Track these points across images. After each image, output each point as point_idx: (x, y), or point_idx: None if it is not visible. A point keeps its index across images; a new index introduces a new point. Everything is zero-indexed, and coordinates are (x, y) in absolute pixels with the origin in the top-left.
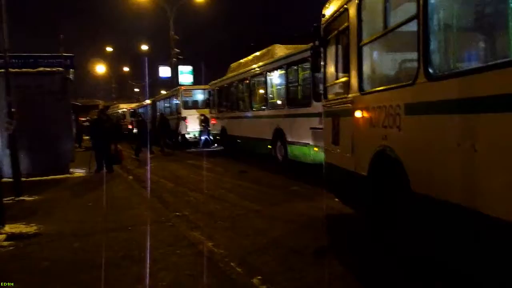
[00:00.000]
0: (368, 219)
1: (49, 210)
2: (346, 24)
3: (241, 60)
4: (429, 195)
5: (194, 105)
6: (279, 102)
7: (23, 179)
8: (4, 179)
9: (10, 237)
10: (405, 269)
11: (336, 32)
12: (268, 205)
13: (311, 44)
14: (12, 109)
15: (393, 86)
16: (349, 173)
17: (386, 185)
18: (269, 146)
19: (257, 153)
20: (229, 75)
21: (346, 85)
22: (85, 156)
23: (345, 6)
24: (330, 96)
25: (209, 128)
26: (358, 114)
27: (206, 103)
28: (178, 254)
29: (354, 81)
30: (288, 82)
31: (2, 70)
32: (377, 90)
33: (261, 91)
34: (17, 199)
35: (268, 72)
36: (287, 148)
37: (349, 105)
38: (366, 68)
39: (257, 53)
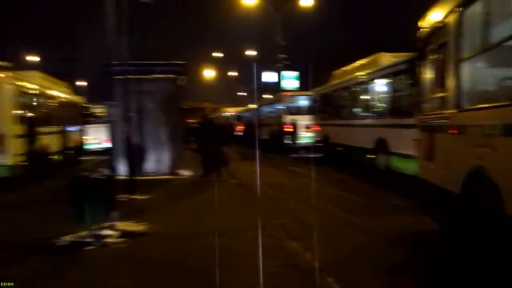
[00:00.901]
0: (459, 237)
1: (158, 210)
2: (445, 38)
3: (345, 68)
4: None
5: (298, 111)
6: (382, 111)
7: (136, 178)
8: (119, 177)
9: (123, 234)
10: None
11: (434, 45)
12: (367, 217)
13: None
14: (130, 114)
15: (491, 105)
16: (441, 190)
17: (478, 205)
18: (370, 156)
19: (357, 162)
20: (333, 82)
21: (443, 101)
22: (192, 157)
23: (445, 19)
24: (426, 111)
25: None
26: (453, 131)
27: (310, 110)
28: (277, 264)
29: (451, 97)
30: (392, 91)
31: (121, 77)
32: (475, 108)
33: (365, 99)
34: (130, 197)
35: (373, 80)
36: (389, 158)
37: (445, 121)
38: (464, 85)
39: (362, 61)
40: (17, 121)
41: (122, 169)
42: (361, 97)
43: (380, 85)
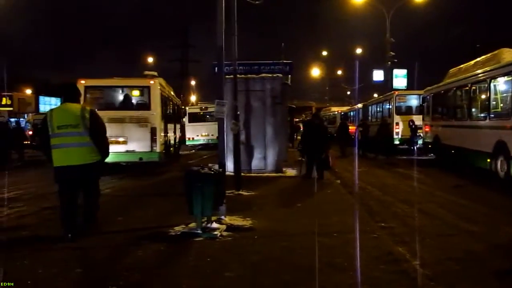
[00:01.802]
0: None
1: (262, 206)
2: None
3: (461, 66)
4: None
5: (408, 111)
6: (504, 112)
7: (242, 174)
8: (227, 173)
9: (229, 228)
10: None
11: None
12: (485, 227)
13: None
14: (237, 112)
15: None
16: None
17: None
18: (488, 160)
19: (473, 166)
20: (447, 80)
21: None
22: (297, 156)
23: None
24: None
25: (418, 135)
26: None
27: (420, 110)
28: (382, 269)
29: None
30: None
31: (231, 76)
32: None
33: (483, 99)
34: (236, 192)
35: (493, 79)
36: (510, 164)
37: None
38: None
39: (480, 58)
40: (161, 117)
41: (229, 166)
42: (479, 96)
43: (502, 84)
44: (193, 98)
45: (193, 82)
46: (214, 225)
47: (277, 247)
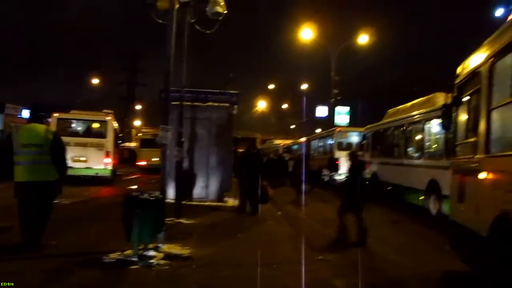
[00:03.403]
0: (485, 278)
1: (202, 236)
2: (477, 86)
3: (399, 106)
4: None
5: (349, 147)
6: (437, 152)
7: (183, 202)
8: (168, 201)
9: (167, 256)
10: None
11: (468, 92)
12: (418, 261)
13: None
14: (182, 139)
15: None
16: (470, 232)
17: (504, 248)
18: (422, 198)
19: (408, 203)
20: (386, 120)
21: (474, 146)
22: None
23: (478, 69)
24: (459, 154)
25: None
26: (482, 175)
27: (361, 147)
28: None
29: (481, 143)
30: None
31: (177, 103)
32: (503, 154)
33: (418, 139)
34: (176, 220)
35: (427, 120)
36: (442, 202)
37: (475, 165)
38: (494, 131)
39: (417, 100)
40: (113, 143)
41: (170, 193)
42: (415, 136)
43: (435, 125)
44: (137, 123)
45: (139, 107)
46: (151, 253)
47: (216, 277)
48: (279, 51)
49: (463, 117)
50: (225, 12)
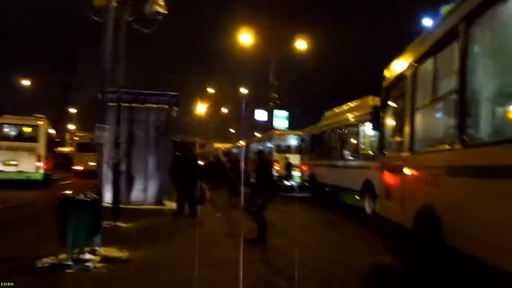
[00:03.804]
0: (412, 269)
1: (141, 238)
2: (403, 88)
3: (336, 109)
4: (459, 250)
5: (287, 149)
6: (370, 153)
7: (121, 205)
8: (105, 204)
9: (104, 259)
10: None
11: (394, 94)
12: (352, 258)
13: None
14: (119, 140)
15: (436, 149)
16: (397, 226)
17: (425, 237)
18: (357, 197)
19: (344, 203)
20: (323, 122)
21: (400, 145)
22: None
23: (403, 72)
24: (386, 153)
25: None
26: (407, 172)
27: (299, 149)
28: None
29: (406, 142)
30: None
31: (115, 104)
32: (425, 151)
33: (353, 141)
34: (113, 224)
35: (362, 123)
36: (376, 201)
37: (401, 162)
38: (417, 131)
39: (352, 103)
40: (45, 147)
41: (107, 196)
42: (350, 138)
43: (368, 128)
44: (72, 127)
45: (73, 110)
46: (87, 256)
47: (154, 279)
48: (219, 55)
49: (390, 118)
50: (165, 12)
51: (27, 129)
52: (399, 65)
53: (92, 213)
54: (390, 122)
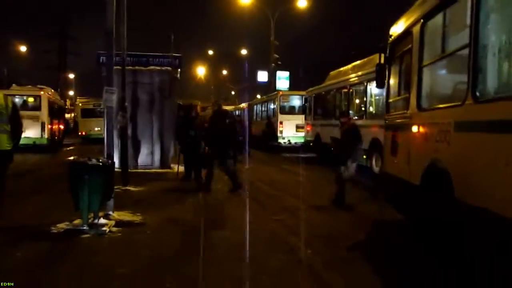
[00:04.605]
0: (418, 225)
1: (152, 201)
2: (409, 45)
3: (341, 68)
4: (470, 203)
5: (291, 110)
6: (377, 111)
7: (129, 170)
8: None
9: (118, 223)
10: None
11: (400, 52)
12: (368, 217)
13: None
14: (125, 103)
15: (445, 105)
16: (403, 183)
17: (434, 192)
18: (364, 157)
19: None
20: (328, 82)
21: (406, 102)
22: None
23: (410, 29)
24: (391, 111)
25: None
26: (414, 128)
27: (303, 109)
28: (278, 259)
29: (413, 99)
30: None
31: (119, 67)
32: (433, 108)
33: (360, 100)
34: (123, 188)
35: (369, 81)
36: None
37: (407, 120)
38: (424, 88)
39: (358, 62)
40: (48, 115)
41: (115, 161)
42: (357, 97)
43: (375, 86)
44: (71, 93)
45: (71, 76)
46: (102, 221)
47: (170, 241)
48: (217, 15)
49: (395, 75)
50: None
51: (31, 99)
52: (406, 22)
53: (105, 177)
54: (395, 79)
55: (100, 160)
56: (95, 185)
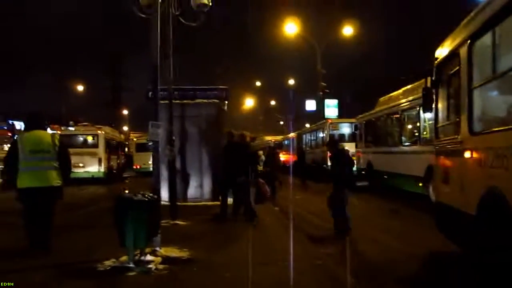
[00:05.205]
0: (475, 257)
1: (201, 236)
2: (457, 67)
3: (391, 94)
4: None
5: (341, 138)
6: (432, 137)
7: (178, 203)
8: (162, 203)
9: (165, 260)
10: None
11: (447, 74)
12: (425, 248)
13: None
14: (173, 137)
15: (501, 128)
16: (458, 212)
17: (493, 224)
18: (420, 184)
19: (405, 190)
20: (378, 108)
21: (457, 126)
22: None
23: (457, 50)
24: (441, 136)
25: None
26: (467, 154)
27: (353, 137)
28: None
29: (464, 123)
30: None
31: (166, 101)
32: (486, 131)
33: (412, 125)
34: (172, 222)
35: (421, 106)
36: None
37: (458, 145)
38: (476, 111)
39: (409, 86)
40: (104, 151)
41: (164, 195)
42: (409, 122)
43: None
44: (125, 128)
45: (125, 112)
46: (148, 257)
47: (218, 279)
48: (264, 47)
49: (444, 99)
50: (210, 4)
51: (90, 138)
52: (452, 43)
53: (151, 213)
54: (444, 103)
55: (146, 195)
56: (141, 221)
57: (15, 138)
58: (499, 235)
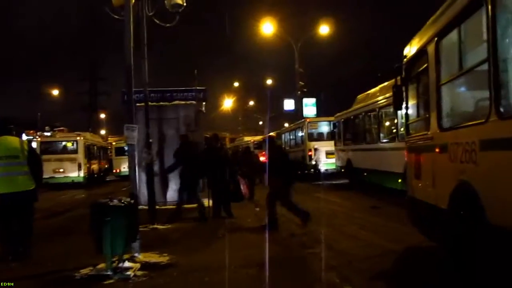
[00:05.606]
0: (449, 251)
1: (180, 240)
2: (425, 64)
3: (369, 91)
4: (503, 226)
5: (320, 137)
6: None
7: (157, 207)
8: (140, 207)
9: (144, 266)
10: None
11: (416, 71)
12: (405, 243)
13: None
14: (150, 140)
15: (469, 123)
16: (430, 207)
17: (464, 217)
18: (399, 180)
19: (386, 187)
20: (356, 106)
21: (427, 123)
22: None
23: (424, 48)
24: (412, 133)
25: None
26: (437, 150)
27: (331, 135)
28: None
29: (433, 119)
30: None
31: (142, 104)
32: (455, 127)
33: (390, 122)
34: (151, 226)
35: None
36: None
37: (429, 141)
38: (444, 107)
39: (385, 83)
40: (84, 157)
41: (143, 198)
42: (386, 120)
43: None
44: (102, 132)
45: (103, 116)
46: (127, 264)
47: (198, 283)
48: (242, 47)
49: (413, 96)
50: (184, 4)
51: (69, 144)
52: (419, 41)
53: (129, 219)
54: (413, 100)
55: (123, 200)
56: (117, 227)
57: None
58: (470, 228)
